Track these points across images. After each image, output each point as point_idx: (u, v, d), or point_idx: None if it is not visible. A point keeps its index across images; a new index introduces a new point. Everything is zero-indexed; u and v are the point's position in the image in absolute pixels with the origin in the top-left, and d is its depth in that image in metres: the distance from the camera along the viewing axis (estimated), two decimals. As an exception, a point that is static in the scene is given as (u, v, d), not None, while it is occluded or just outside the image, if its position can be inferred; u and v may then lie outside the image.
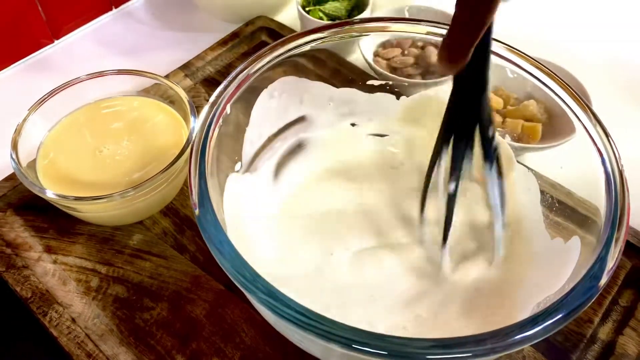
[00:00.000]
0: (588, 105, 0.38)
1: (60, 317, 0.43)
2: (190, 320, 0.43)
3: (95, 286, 0.45)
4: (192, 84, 0.60)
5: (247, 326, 0.42)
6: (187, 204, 0.50)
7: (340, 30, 0.43)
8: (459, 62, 0.31)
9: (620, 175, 0.34)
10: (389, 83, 0.47)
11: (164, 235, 0.48)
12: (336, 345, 0.27)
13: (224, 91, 0.38)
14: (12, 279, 0.45)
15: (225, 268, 0.29)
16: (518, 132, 0.51)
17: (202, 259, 0.46)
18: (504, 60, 0.41)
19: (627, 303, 0.44)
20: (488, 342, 0.27)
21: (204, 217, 0.31)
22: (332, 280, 0.40)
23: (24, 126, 0.46)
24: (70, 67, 0.65)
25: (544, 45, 0.57)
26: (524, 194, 0.43)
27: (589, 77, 0.54)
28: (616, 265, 0.30)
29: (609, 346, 0.42)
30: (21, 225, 0.48)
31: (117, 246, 0.47)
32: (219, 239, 0.30)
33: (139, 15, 0.73)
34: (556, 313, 0.28)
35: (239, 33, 0.65)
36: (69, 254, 0.46)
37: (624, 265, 0.46)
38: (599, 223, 0.34)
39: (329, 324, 0.27)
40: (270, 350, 0.41)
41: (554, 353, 0.41)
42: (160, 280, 0.45)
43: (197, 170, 0.33)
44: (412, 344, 0.27)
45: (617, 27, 0.71)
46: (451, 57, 0.31)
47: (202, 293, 0.44)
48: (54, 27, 0.66)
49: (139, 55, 0.68)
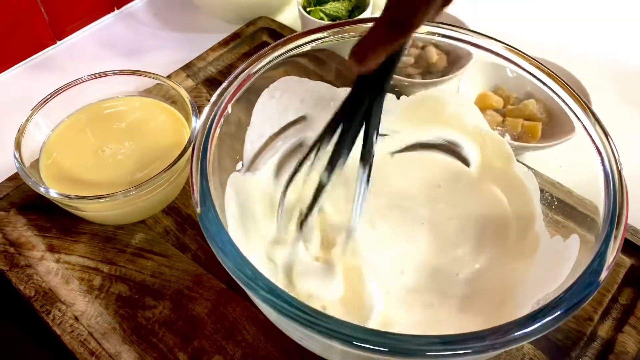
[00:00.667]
0: (587, 105, 0.38)
1: (64, 316, 0.43)
2: (192, 318, 0.43)
3: (97, 285, 0.45)
4: (193, 84, 0.61)
5: (249, 324, 0.43)
6: (188, 203, 0.50)
7: (341, 30, 0.43)
8: (371, 64, 0.31)
9: (619, 174, 0.35)
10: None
11: (166, 234, 0.48)
12: (337, 342, 0.27)
13: (225, 91, 0.38)
14: (15, 277, 0.45)
15: (227, 266, 0.30)
16: (518, 131, 0.51)
17: (203, 257, 0.46)
18: (504, 59, 0.42)
19: (626, 301, 0.44)
20: (488, 338, 0.27)
21: (205, 215, 0.31)
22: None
23: (27, 126, 0.46)
24: (72, 67, 0.65)
25: (544, 45, 0.58)
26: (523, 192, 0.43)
27: (588, 77, 0.54)
28: (615, 261, 0.30)
29: (608, 344, 0.42)
30: (24, 225, 0.49)
31: (120, 245, 0.47)
32: (221, 237, 0.31)
33: (140, 16, 0.74)
34: (556, 309, 0.28)
35: (240, 33, 0.65)
36: (71, 253, 0.47)
37: (623, 263, 0.46)
38: (598, 221, 0.34)
39: (329, 321, 0.27)
40: (271, 348, 0.41)
41: (554, 351, 0.41)
42: (162, 279, 0.45)
43: (198, 169, 0.33)
44: (412, 340, 0.27)
45: (616, 26, 0.72)
46: (366, 57, 0.31)
47: (203, 292, 0.44)
48: (56, 28, 0.67)
49: (141, 56, 0.68)
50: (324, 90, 0.46)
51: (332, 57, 0.47)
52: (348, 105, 0.35)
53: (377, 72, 0.32)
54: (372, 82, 0.34)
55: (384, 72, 0.33)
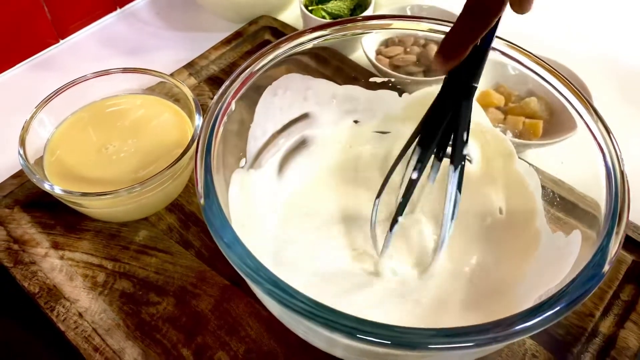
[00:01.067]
0: (590, 102, 0.38)
1: (68, 312, 0.43)
2: (196, 314, 0.43)
3: (101, 281, 0.45)
4: (196, 82, 0.61)
5: (252, 320, 0.43)
6: (192, 200, 0.50)
7: (343, 28, 0.43)
8: (457, 57, 0.31)
9: (620, 170, 0.35)
10: (391, 80, 0.48)
11: (170, 231, 0.48)
12: (340, 335, 0.27)
13: (229, 88, 0.39)
14: (19, 274, 0.45)
15: (231, 259, 0.30)
16: (519, 129, 0.51)
17: (207, 254, 0.47)
18: (505, 57, 0.42)
19: (628, 297, 0.44)
20: (491, 331, 0.27)
21: (209, 208, 0.31)
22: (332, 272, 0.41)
23: (31, 124, 0.47)
24: (75, 66, 0.66)
25: (544, 43, 0.58)
26: (525, 189, 0.44)
27: (589, 75, 0.55)
28: (617, 256, 0.31)
29: (610, 339, 0.42)
30: (28, 222, 0.49)
31: (123, 242, 0.48)
32: (225, 230, 0.31)
33: (143, 15, 0.74)
34: (559, 302, 0.28)
35: (243, 32, 0.66)
36: (75, 250, 0.47)
37: (624, 260, 0.46)
38: (599, 218, 0.34)
39: (333, 313, 0.27)
40: (274, 344, 0.42)
41: (556, 346, 0.41)
42: (166, 276, 0.45)
43: (202, 164, 0.34)
44: (415, 332, 0.27)
45: (617, 25, 0.72)
46: (454, 50, 0.31)
47: (207, 288, 0.45)
48: (59, 27, 0.67)
49: (144, 55, 0.68)
50: (327, 88, 0.46)
51: (334, 55, 0.47)
52: (438, 109, 0.36)
53: (465, 69, 0.33)
54: (460, 81, 0.34)
55: (472, 67, 0.33)
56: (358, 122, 0.49)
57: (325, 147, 0.48)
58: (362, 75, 0.48)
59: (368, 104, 0.48)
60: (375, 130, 0.50)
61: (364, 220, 0.44)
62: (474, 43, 0.31)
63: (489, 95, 0.53)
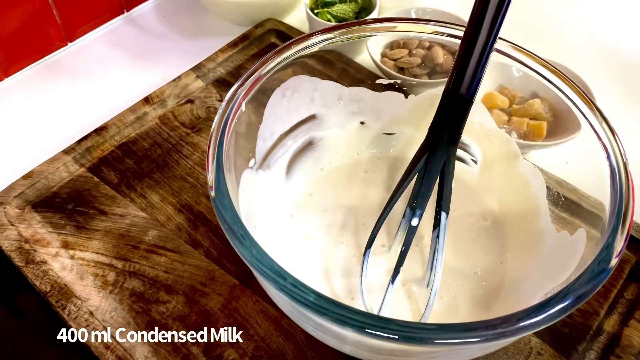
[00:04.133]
0: (594, 102, 0.39)
1: (79, 311, 0.44)
2: (205, 313, 0.44)
3: (112, 280, 0.46)
4: (203, 85, 0.61)
5: (261, 318, 0.43)
6: (200, 200, 0.51)
7: (348, 31, 0.44)
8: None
9: (625, 170, 0.35)
10: (397, 82, 0.48)
11: (179, 230, 0.49)
12: (350, 329, 0.27)
13: (239, 89, 0.39)
14: (31, 273, 0.46)
15: (242, 254, 0.30)
16: (524, 130, 0.52)
17: (215, 254, 0.47)
18: (510, 59, 0.42)
19: (632, 296, 0.45)
20: (499, 327, 0.28)
21: (220, 201, 0.32)
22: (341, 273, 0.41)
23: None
24: (83, 68, 0.66)
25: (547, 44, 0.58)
26: (529, 189, 0.44)
27: (592, 76, 0.55)
28: (622, 252, 0.31)
29: (614, 337, 0.42)
30: (39, 222, 0.49)
31: (133, 242, 0.48)
32: (236, 225, 0.31)
33: (150, 18, 0.75)
34: (566, 298, 0.29)
35: (249, 35, 0.66)
36: (86, 250, 0.48)
37: (628, 259, 0.47)
38: (604, 218, 0.35)
39: (343, 309, 0.28)
40: (283, 342, 0.42)
41: (561, 344, 0.42)
42: (176, 275, 0.46)
43: (214, 162, 0.34)
44: (423, 328, 0.28)
45: (621, 26, 0.72)
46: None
47: (216, 287, 0.45)
48: (68, 30, 0.68)
49: (151, 57, 0.69)
50: (333, 89, 0.47)
51: (339, 58, 0.48)
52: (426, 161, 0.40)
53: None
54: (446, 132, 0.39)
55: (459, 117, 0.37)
56: (364, 123, 0.50)
57: (333, 148, 0.49)
58: (368, 78, 0.48)
59: (374, 106, 0.49)
60: (381, 132, 0.50)
61: (372, 220, 0.44)
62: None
63: (493, 97, 0.53)
